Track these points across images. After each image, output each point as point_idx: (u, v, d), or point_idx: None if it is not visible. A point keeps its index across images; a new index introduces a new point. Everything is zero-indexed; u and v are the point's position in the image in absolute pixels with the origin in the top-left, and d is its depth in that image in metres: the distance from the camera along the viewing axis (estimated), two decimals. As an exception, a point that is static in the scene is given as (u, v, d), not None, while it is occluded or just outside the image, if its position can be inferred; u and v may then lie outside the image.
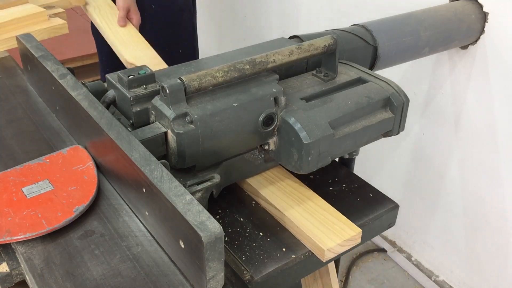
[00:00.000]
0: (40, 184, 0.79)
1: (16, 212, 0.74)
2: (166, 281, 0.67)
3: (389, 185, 1.99)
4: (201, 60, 0.94)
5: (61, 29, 1.38)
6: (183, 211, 0.60)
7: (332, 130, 0.81)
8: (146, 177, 0.66)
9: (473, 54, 1.49)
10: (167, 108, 0.76)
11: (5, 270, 0.71)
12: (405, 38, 1.19)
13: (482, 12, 1.40)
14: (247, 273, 0.76)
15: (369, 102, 0.87)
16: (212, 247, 0.58)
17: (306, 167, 0.81)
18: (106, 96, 0.87)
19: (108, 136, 0.74)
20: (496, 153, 1.55)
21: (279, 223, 0.86)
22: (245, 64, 0.81)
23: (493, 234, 1.66)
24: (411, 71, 1.71)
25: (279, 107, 0.82)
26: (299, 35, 1.02)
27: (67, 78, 0.89)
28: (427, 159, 1.80)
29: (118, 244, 0.72)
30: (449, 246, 1.86)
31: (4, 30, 1.30)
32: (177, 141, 0.75)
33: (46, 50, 1.00)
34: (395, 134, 0.93)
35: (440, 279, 1.93)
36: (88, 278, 0.67)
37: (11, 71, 1.23)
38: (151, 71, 0.85)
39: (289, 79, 0.92)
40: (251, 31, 2.47)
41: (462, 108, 1.60)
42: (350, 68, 0.96)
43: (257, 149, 0.88)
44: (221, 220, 0.86)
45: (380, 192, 0.94)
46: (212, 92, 0.79)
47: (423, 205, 1.90)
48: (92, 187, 0.79)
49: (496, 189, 1.59)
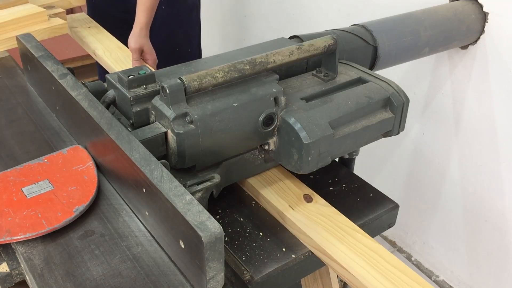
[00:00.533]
0: (40, 184, 0.79)
1: (16, 212, 0.74)
2: (166, 281, 0.67)
3: (389, 185, 1.99)
4: (201, 60, 0.94)
5: (61, 29, 1.38)
6: (183, 211, 0.60)
7: (332, 130, 0.81)
8: (146, 177, 0.66)
9: (473, 54, 1.49)
10: (167, 108, 0.76)
11: (5, 270, 0.71)
12: (405, 38, 1.19)
13: (482, 12, 1.40)
14: (247, 273, 0.76)
15: (369, 102, 0.87)
16: (212, 247, 0.58)
17: (306, 167, 0.81)
18: (106, 96, 0.87)
19: (108, 136, 0.74)
20: (496, 153, 1.55)
21: (279, 223, 0.86)
22: (245, 64, 0.81)
23: (493, 234, 1.66)
24: (411, 71, 1.71)
25: (279, 107, 0.82)
26: (299, 35, 1.02)
27: (67, 78, 0.89)
28: (427, 159, 1.80)
29: (118, 244, 0.72)
30: (449, 246, 1.86)
31: (4, 30, 1.31)
32: (177, 141, 0.75)
33: (46, 50, 0.99)
34: (395, 134, 0.93)
35: (440, 279, 1.93)
36: (88, 278, 0.67)
37: (11, 71, 1.23)
38: (151, 71, 0.85)
39: (289, 79, 0.92)
40: (251, 31, 2.47)
41: (462, 108, 1.60)
42: (350, 68, 0.96)
43: (257, 149, 0.88)
44: (221, 220, 0.86)
45: (380, 192, 0.94)
46: (212, 92, 0.79)
47: (423, 205, 1.89)
48: (92, 187, 0.79)
49: (496, 189, 1.59)
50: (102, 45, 1.41)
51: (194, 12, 1.89)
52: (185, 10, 1.85)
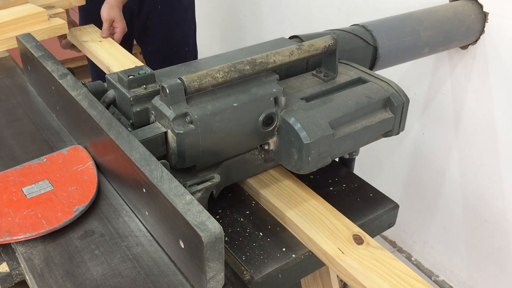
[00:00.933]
0: (40, 184, 0.79)
1: (16, 212, 0.74)
2: (166, 281, 0.67)
3: (389, 185, 1.99)
4: (201, 60, 0.94)
5: (61, 29, 1.38)
6: (183, 211, 0.60)
7: (332, 130, 0.81)
8: (146, 177, 0.66)
9: (473, 54, 1.49)
10: (167, 108, 0.76)
11: (5, 270, 0.71)
12: (405, 38, 1.19)
13: (482, 12, 1.40)
14: (247, 273, 0.76)
15: (369, 102, 0.87)
16: (212, 247, 0.58)
17: (306, 167, 0.81)
18: (106, 96, 0.87)
19: (108, 136, 0.74)
20: (496, 153, 1.55)
21: (279, 223, 0.86)
22: (245, 64, 0.81)
23: (493, 234, 1.66)
24: (411, 71, 1.71)
25: (279, 107, 0.82)
26: (299, 35, 1.02)
27: (67, 78, 0.89)
28: (427, 159, 1.80)
29: (118, 244, 0.72)
30: (449, 246, 1.86)
31: (4, 30, 1.30)
32: (177, 141, 0.75)
33: (46, 50, 0.99)
34: (395, 134, 0.93)
35: (440, 279, 1.93)
36: (88, 278, 0.67)
37: (11, 71, 1.23)
38: (151, 71, 0.85)
39: (289, 79, 0.92)
40: (251, 31, 2.47)
41: (462, 108, 1.60)
42: (350, 68, 0.96)
43: (257, 149, 0.88)
44: (221, 220, 0.86)
45: (380, 192, 0.94)
46: (212, 92, 0.79)
47: (423, 205, 1.89)
48: (92, 187, 0.79)
49: (496, 189, 1.59)
50: (117, 62, 1.37)
51: (189, 11, 1.90)
52: (181, 10, 1.85)
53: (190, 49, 1.95)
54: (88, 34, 1.53)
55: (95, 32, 1.53)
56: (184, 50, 1.92)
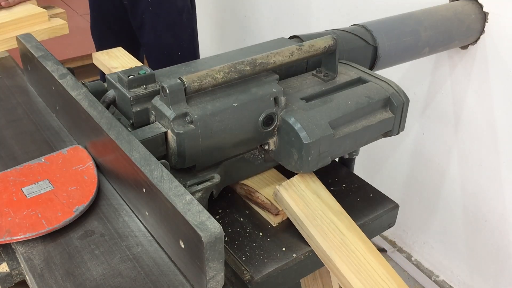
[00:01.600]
0: (40, 184, 0.79)
1: (16, 212, 0.74)
2: (166, 281, 0.67)
3: (389, 185, 1.99)
4: (201, 60, 0.94)
5: (61, 29, 1.38)
6: (183, 211, 0.60)
7: (332, 130, 0.81)
8: (146, 177, 0.66)
9: (473, 54, 1.49)
10: (167, 108, 0.76)
11: (5, 270, 0.71)
12: (405, 38, 1.19)
13: (482, 12, 1.40)
14: (247, 273, 0.76)
15: (369, 102, 0.87)
16: (212, 247, 0.58)
17: (306, 167, 0.81)
18: (106, 96, 0.87)
19: (108, 136, 0.74)
20: (496, 153, 1.55)
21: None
22: (245, 65, 0.81)
23: (493, 234, 1.66)
24: (411, 71, 1.71)
25: (279, 107, 0.82)
26: (299, 35, 1.02)
27: (67, 78, 0.89)
28: (427, 159, 1.80)
29: (118, 244, 0.72)
30: (449, 246, 1.86)
31: (4, 30, 1.31)
32: (177, 141, 0.75)
33: (46, 50, 0.99)
34: (395, 134, 0.93)
35: (440, 279, 1.93)
36: (88, 278, 0.67)
37: (11, 71, 1.23)
38: (151, 71, 0.85)
39: (289, 79, 0.92)
40: (251, 31, 2.47)
41: (462, 108, 1.60)
42: (350, 68, 0.96)
43: (257, 149, 0.88)
44: (221, 220, 0.86)
45: (380, 192, 0.94)
46: (212, 92, 0.79)
47: (423, 205, 1.89)
48: (92, 187, 0.79)
49: (496, 189, 1.59)
50: None
51: (185, 14, 1.84)
52: (175, 13, 1.81)
53: (185, 54, 1.87)
54: (117, 58, 1.38)
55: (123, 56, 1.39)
56: (176, 54, 1.86)
